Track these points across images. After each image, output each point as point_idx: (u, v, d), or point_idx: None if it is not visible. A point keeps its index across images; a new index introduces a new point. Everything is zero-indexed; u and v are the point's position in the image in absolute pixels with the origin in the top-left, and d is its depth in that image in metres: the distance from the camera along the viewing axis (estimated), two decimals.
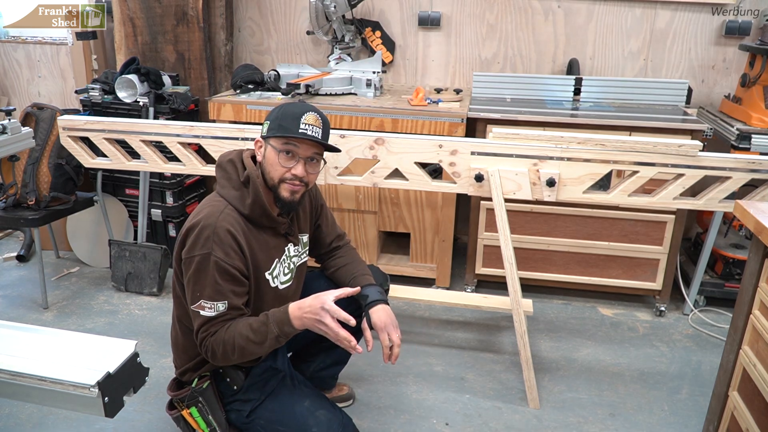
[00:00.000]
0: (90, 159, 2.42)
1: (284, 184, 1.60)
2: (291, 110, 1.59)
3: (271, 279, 1.67)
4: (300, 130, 1.56)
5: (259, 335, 1.50)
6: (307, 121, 1.57)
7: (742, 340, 1.58)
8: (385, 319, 1.67)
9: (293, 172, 1.59)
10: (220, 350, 1.52)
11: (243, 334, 1.50)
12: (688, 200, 2.08)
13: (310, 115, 1.57)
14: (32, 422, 2.05)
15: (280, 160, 1.58)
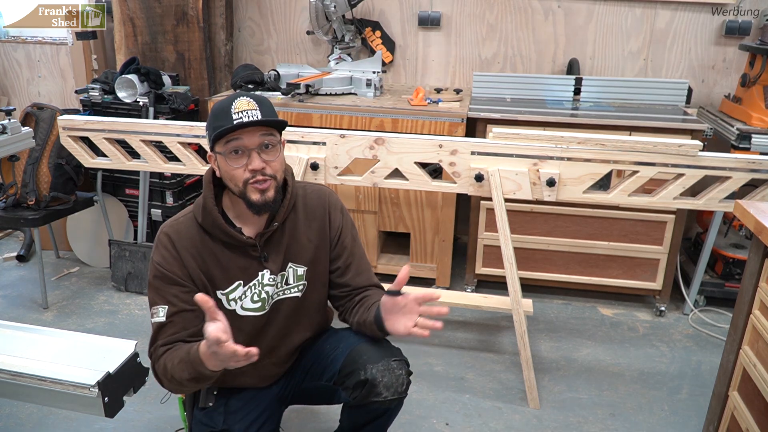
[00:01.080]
0: (90, 159, 2.42)
1: (249, 186, 1.39)
2: (219, 107, 1.39)
3: (225, 300, 1.47)
4: (234, 120, 1.35)
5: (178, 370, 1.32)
6: (238, 108, 1.36)
7: (742, 340, 1.58)
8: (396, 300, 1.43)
9: (250, 168, 1.38)
10: (157, 378, 1.38)
11: (167, 366, 1.34)
12: (688, 200, 2.08)
13: (240, 101, 1.36)
14: (32, 422, 2.05)
15: (231, 163, 1.38)
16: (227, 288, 1.47)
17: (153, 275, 1.43)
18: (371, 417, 1.54)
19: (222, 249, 1.46)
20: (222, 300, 1.47)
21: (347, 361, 1.48)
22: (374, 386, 1.42)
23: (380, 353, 1.46)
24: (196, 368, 1.29)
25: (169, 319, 1.39)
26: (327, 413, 2.10)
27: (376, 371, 1.42)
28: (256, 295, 1.50)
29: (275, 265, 1.50)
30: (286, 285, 1.53)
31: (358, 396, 1.45)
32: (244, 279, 1.48)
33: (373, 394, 1.42)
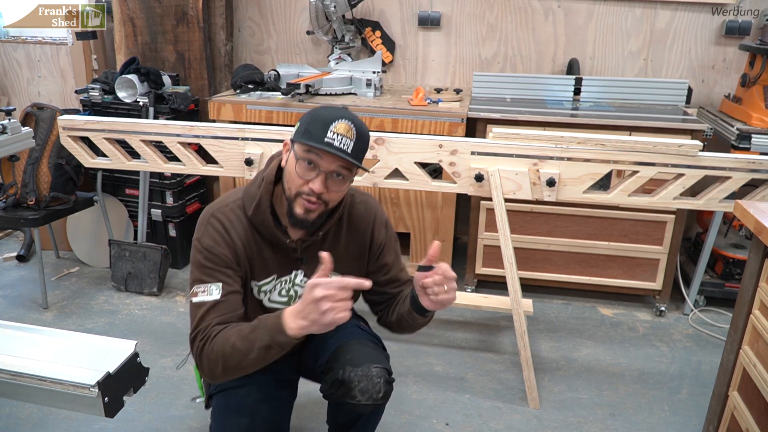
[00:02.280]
0: (90, 159, 2.42)
1: (300, 198, 1.38)
2: (322, 115, 1.36)
3: (257, 290, 1.50)
4: (326, 139, 1.32)
5: (245, 342, 1.29)
6: (336, 130, 1.32)
7: (742, 340, 1.58)
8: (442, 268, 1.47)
9: (311, 186, 1.36)
10: (205, 361, 1.34)
11: (229, 340, 1.30)
12: (688, 200, 2.08)
13: (342, 123, 1.33)
14: (32, 422, 2.05)
15: (298, 170, 1.36)
16: (262, 280, 1.50)
17: (204, 256, 1.40)
18: (348, 419, 1.57)
19: (264, 243, 1.47)
20: (254, 289, 1.50)
21: (332, 356, 1.50)
22: (350, 389, 1.43)
23: (364, 357, 1.47)
24: (274, 336, 1.27)
25: (224, 297, 1.37)
26: None
27: (353, 375, 1.43)
28: (284, 290, 1.52)
29: (311, 270, 1.45)
30: None
31: (334, 394, 1.47)
32: (278, 273, 1.50)
33: (348, 396, 1.44)
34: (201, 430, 2.03)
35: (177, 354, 2.44)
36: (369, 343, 1.54)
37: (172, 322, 2.68)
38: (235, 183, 2.91)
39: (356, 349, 1.49)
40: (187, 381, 2.27)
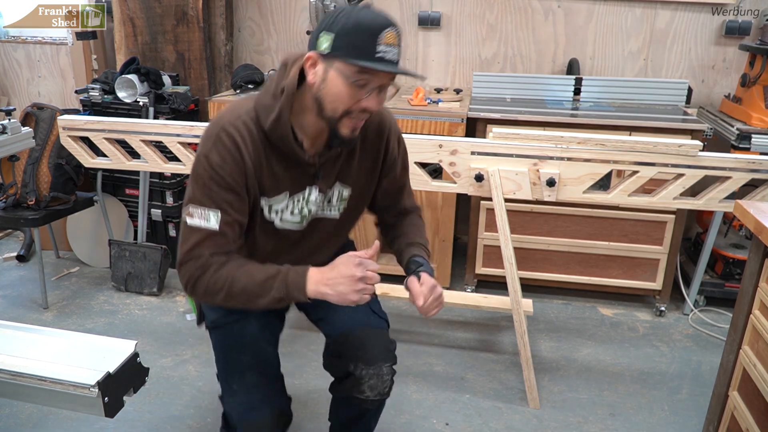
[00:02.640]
0: (90, 159, 2.42)
1: (347, 118, 1.28)
2: (365, 23, 1.19)
3: (268, 209, 1.39)
4: (377, 54, 1.19)
5: (259, 288, 1.28)
6: (386, 41, 1.18)
7: (742, 340, 1.58)
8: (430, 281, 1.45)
9: (364, 105, 1.26)
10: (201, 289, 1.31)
11: (238, 280, 1.28)
12: (688, 200, 2.08)
13: (390, 32, 1.19)
14: (32, 422, 2.05)
15: (348, 90, 1.24)
16: (273, 197, 1.39)
17: (209, 176, 1.29)
18: (354, 414, 1.60)
19: (278, 158, 1.36)
20: (264, 209, 1.40)
21: (345, 342, 1.49)
22: (359, 384, 1.45)
23: (377, 354, 1.47)
24: (291, 292, 1.28)
25: (222, 228, 1.30)
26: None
27: (365, 373, 1.44)
28: (297, 209, 1.43)
29: (324, 185, 1.44)
30: (328, 204, 1.47)
31: (341, 385, 1.50)
32: (291, 190, 1.40)
33: (356, 390, 1.46)
34: (201, 430, 2.03)
35: (177, 354, 2.44)
36: (381, 336, 1.52)
37: (172, 322, 2.68)
38: None
39: (370, 344, 1.48)
40: (187, 381, 2.28)
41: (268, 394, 1.54)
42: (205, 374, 2.32)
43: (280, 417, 1.57)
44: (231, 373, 1.53)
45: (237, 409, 1.53)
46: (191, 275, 1.31)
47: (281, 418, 1.59)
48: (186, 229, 1.32)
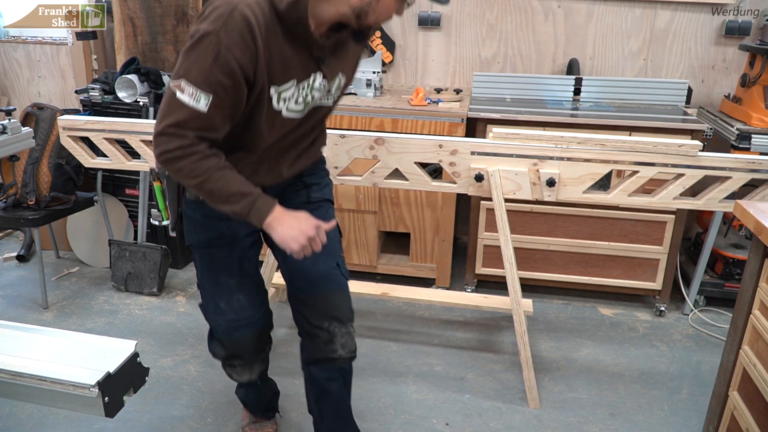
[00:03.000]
0: (90, 159, 2.42)
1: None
2: None
3: (277, 97, 1.39)
4: None
5: (227, 196, 1.35)
6: None
7: (742, 340, 1.58)
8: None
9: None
10: (175, 169, 1.34)
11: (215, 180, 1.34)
12: (688, 200, 2.08)
13: None
14: (32, 422, 2.05)
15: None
16: (282, 84, 1.38)
17: (213, 56, 1.25)
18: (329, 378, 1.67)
19: (288, 42, 1.35)
20: (273, 98, 1.39)
21: (319, 300, 1.59)
22: (332, 343, 1.58)
23: (347, 313, 1.60)
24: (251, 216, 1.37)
25: (210, 112, 1.29)
26: None
27: (338, 331, 1.58)
28: (301, 97, 1.44)
29: (329, 71, 1.47)
30: (328, 93, 1.53)
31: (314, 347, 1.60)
32: (298, 78, 1.40)
33: (329, 350, 1.58)
34: (201, 430, 2.03)
35: (177, 354, 2.44)
36: (348, 298, 1.63)
37: (172, 322, 2.68)
38: None
39: (342, 305, 1.60)
40: (187, 381, 2.28)
41: (253, 314, 1.64)
42: (205, 374, 2.32)
43: (262, 334, 1.70)
44: (219, 293, 1.61)
45: (224, 327, 1.63)
46: (170, 150, 1.32)
47: (264, 334, 1.71)
48: (172, 102, 1.29)
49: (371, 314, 2.62)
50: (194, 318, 2.72)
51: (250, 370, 1.71)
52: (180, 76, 1.28)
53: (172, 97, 1.29)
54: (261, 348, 1.72)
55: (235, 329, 1.63)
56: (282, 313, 2.77)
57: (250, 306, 1.64)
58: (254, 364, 1.72)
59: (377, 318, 2.72)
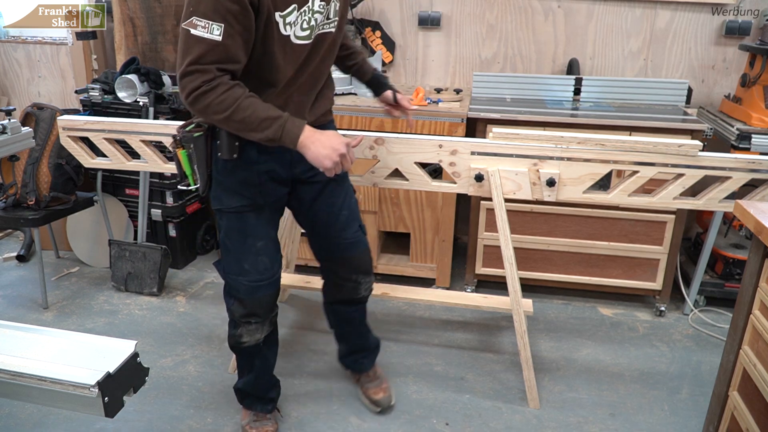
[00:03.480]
0: (90, 159, 2.42)
1: None
2: None
3: (282, 24, 1.47)
4: None
5: (258, 123, 1.44)
6: None
7: (742, 340, 1.58)
8: (390, 93, 1.97)
9: None
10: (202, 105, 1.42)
11: (243, 109, 1.43)
12: (688, 200, 2.08)
13: None
14: (32, 422, 2.05)
15: None
16: (284, 10, 1.47)
17: None
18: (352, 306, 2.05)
19: None
20: (279, 23, 1.47)
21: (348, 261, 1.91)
22: (358, 288, 1.96)
23: (370, 267, 1.98)
24: (284, 139, 1.48)
25: (225, 40, 1.38)
26: (326, 412, 2.10)
27: (363, 280, 1.96)
28: (305, 22, 1.52)
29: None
30: (328, 19, 1.60)
31: (341, 291, 1.98)
32: (298, 4, 1.49)
33: (355, 292, 1.97)
34: (201, 430, 2.03)
35: (177, 354, 2.44)
36: (369, 253, 1.97)
37: (172, 322, 2.68)
38: None
39: (366, 261, 1.96)
40: (187, 381, 2.28)
41: (273, 275, 1.78)
42: (205, 374, 2.32)
43: (277, 293, 1.83)
44: (245, 255, 1.73)
45: (246, 286, 1.75)
46: (196, 87, 1.40)
47: (278, 294, 1.84)
48: (188, 40, 1.38)
49: (371, 314, 2.61)
50: (194, 318, 2.72)
51: (261, 329, 1.83)
52: (190, 14, 1.37)
53: (187, 35, 1.38)
54: (274, 307, 1.85)
55: (257, 289, 1.75)
56: (282, 313, 2.77)
57: (271, 267, 1.76)
58: (266, 323, 1.84)
59: (377, 318, 2.72)
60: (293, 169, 1.73)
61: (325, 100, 1.77)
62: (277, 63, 1.51)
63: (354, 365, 2.21)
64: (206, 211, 3.38)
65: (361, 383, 2.19)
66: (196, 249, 3.33)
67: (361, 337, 2.16)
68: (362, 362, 2.18)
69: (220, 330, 2.62)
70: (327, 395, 2.22)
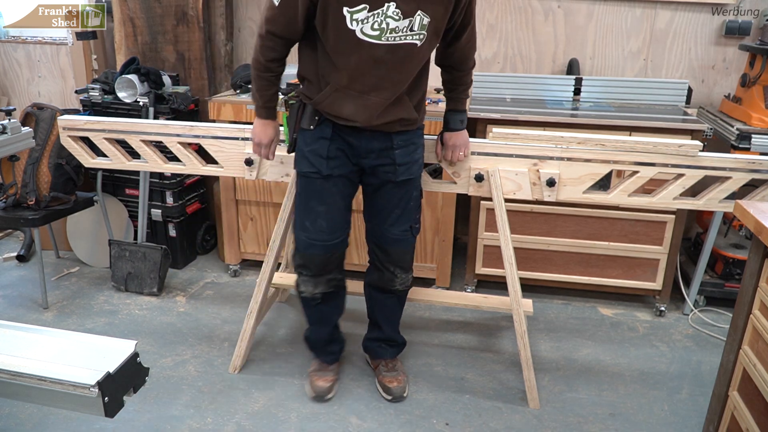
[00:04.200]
0: (90, 159, 2.42)
1: None
2: None
3: (350, 19, 1.64)
4: None
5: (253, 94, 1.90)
6: None
7: (742, 340, 1.58)
8: (455, 140, 2.03)
9: None
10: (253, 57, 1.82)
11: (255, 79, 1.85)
12: (688, 200, 2.08)
13: None
14: (32, 422, 2.05)
15: None
16: (354, 7, 1.62)
17: None
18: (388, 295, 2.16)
19: None
20: (347, 17, 1.64)
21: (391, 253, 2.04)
22: (393, 281, 2.09)
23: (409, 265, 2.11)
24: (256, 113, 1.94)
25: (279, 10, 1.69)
26: (326, 412, 2.11)
27: (400, 274, 2.08)
28: (377, 24, 1.65)
29: (405, 5, 1.64)
30: (411, 31, 1.69)
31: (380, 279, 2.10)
32: (370, 5, 1.62)
33: (390, 284, 2.10)
34: (201, 430, 2.03)
35: (177, 354, 2.44)
36: (411, 252, 2.10)
37: (172, 322, 2.68)
38: (236, 183, 2.91)
39: (407, 258, 2.08)
40: (187, 381, 2.28)
41: (328, 240, 1.96)
42: (205, 374, 2.32)
43: (331, 257, 2.00)
44: (307, 214, 1.95)
45: (303, 241, 1.98)
46: (256, 47, 1.80)
47: (331, 258, 2.01)
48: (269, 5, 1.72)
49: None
50: (194, 318, 2.72)
51: (313, 285, 2.03)
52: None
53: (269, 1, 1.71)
54: (327, 270, 2.02)
55: (310, 246, 1.96)
56: (282, 313, 2.77)
57: (328, 232, 1.95)
58: (318, 282, 2.03)
59: None
60: (360, 159, 1.91)
61: (402, 107, 1.84)
62: (341, 50, 1.70)
63: (375, 351, 2.28)
64: (206, 211, 3.38)
65: (378, 371, 2.25)
66: (196, 249, 3.33)
67: (389, 326, 2.23)
68: (384, 349, 2.26)
69: (220, 330, 2.62)
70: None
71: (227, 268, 3.15)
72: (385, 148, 1.89)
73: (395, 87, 1.78)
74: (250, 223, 3.01)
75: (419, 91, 1.89)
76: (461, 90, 2.02)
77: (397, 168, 1.91)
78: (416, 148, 1.96)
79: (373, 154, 1.89)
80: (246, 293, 2.91)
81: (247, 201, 2.96)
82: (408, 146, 1.92)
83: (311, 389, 2.19)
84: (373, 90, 1.76)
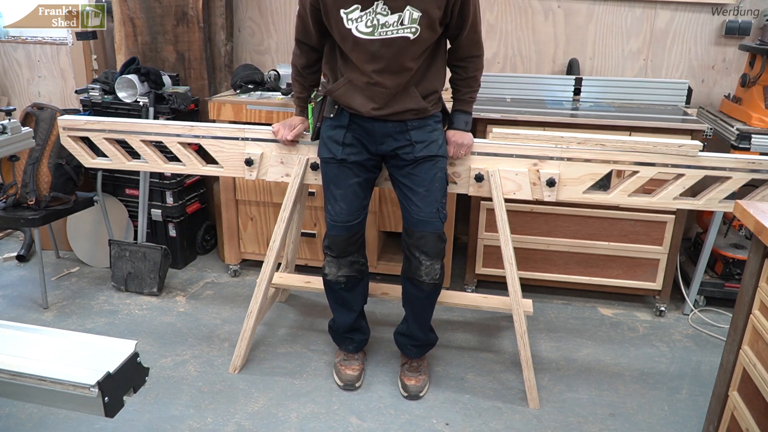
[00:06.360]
0: (90, 159, 2.42)
1: None
2: None
3: (346, 19, 1.79)
4: None
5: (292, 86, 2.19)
6: None
7: (742, 340, 1.58)
8: (458, 138, 2.05)
9: None
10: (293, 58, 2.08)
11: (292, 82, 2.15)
12: (688, 200, 2.08)
13: None
14: (32, 422, 2.05)
15: None
16: (348, 8, 1.78)
17: None
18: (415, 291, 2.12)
19: None
20: (343, 18, 1.79)
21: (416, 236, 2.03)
22: (419, 269, 2.05)
23: (435, 252, 2.04)
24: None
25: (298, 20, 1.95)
26: (326, 412, 2.10)
27: (425, 262, 2.03)
28: (369, 21, 1.79)
29: (393, 1, 1.75)
30: (401, 25, 1.79)
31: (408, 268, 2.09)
32: (362, 5, 1.77)
33: (416, 274, 2.06)
34: (201, 430, 2.04)
35: (177, 354, 2.44)
36: (438, 239, 2.04)
37: (172, 322, 2.68)
38: (236, 183, 2.91)
39: (431, 245, 2.03)
40: (187, 381, 2.28)
41: (347, 221, 2.08)
42: (205, 374, 2.32)
43: (351, 238, 2.10)
44: (329, 197, 2.10)
45: (329, 222, 2.11)
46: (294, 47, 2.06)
47: (352, 240, 2.11)
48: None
49: (371, 314, 2.61)
50: (194, 318, 2.72)
51: (337, 267, 2.13)
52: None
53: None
54: (348, 251, 2.12)
55: (333, 227, 2.09)
56: (282, 313, 2.77)
57: (347, 214, 2.07)
58: (341, 264, 2.13)
59: (377, 318, 2.72)
60: (379, 146, 2.01)
61: (408, 97, 1.93)
62: (346, 48, 1.85)
63: (402, 347, 2.30)
64: (206, 211, 3.38)
65: (403, 368, 2.29)
66: (196, 249, 3.33)
67: (418, 322, 2.21)
68: (410, 349, 2.27)
69: (220, 330, 2.62)
70: (327, 395, 2.22)
71: (227, 268, 3.15)
72: (401, 131, 1.98)
73: (397, 78, 1.87)
74: (250, 223, 3.01)
75: (428, 83, 1.95)
76: (465, 92, 2.05)
77: (415, 146, 1.98)
78: (432, 129, 2.01)
79: (389, 138, 1.98)
80: (246, 293, 2.91)
81: (247, 201, 2.96)
82: (423, 127, 1.99)
83: (339, 379, 2.26)
84: (377, 81, 1.87)
